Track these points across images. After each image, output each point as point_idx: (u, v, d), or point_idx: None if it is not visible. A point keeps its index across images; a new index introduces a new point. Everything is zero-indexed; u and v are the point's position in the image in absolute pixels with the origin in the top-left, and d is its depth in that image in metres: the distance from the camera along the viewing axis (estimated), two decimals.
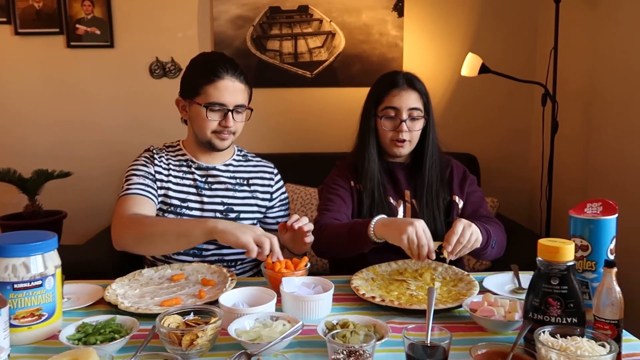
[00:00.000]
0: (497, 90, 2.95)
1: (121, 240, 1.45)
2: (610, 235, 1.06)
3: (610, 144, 2.36)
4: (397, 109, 1.58)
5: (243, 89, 1.56)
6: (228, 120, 1.54)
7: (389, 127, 1.60)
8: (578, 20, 2.57)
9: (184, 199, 1.59)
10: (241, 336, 1.00)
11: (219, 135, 1.56)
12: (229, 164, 1.67)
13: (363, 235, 1.40)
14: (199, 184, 1.61)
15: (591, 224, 1.06)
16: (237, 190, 1.64)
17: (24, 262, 1.03)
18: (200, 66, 1.57)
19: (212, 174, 1.63)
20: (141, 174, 1.57)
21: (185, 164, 1.63)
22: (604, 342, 0.90)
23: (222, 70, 1.52)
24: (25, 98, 2.97)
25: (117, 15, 2.94)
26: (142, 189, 1.53)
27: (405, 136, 1.59)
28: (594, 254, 1.06)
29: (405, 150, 1.62)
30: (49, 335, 1.08)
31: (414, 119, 1.60)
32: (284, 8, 2.95)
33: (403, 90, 1.59)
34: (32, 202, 2.76)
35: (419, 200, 1.64)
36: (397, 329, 1.08)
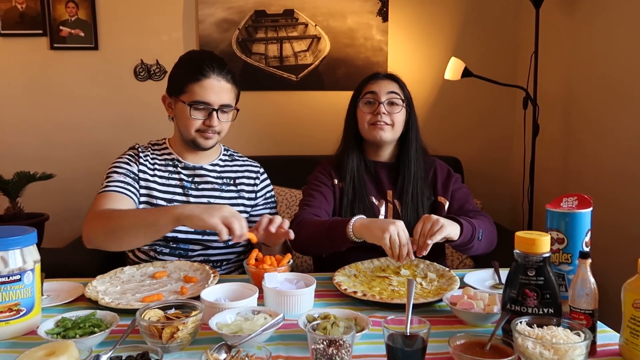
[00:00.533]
0: (480, 93, 2.99)
1: (90, 236, 1.41)
2: (585, 228, 1.09)
3: (587, 147, 2.41)
4: (375, 92, 1.61)
5: (229, 88, 1.55)
6: (212, 120, 1.53)
7: (367, 110, 1.62)
8: (557, 26, 2.63)
9: (169, 199, 1.57)
10: (222, 329, 1.00)
11: (202, 134, 1.55)
12: (215, 163, 1.67)
13: (341, 233, 1.40)
14: (185, 184, 1.60)
15: (567, 217, 1.09)
16: (223, 190, 1.64)
17: (2, 256, 1.03)
18: (187, 64, 1.56)
19: (199, 174, 1.62)
20: (122, 172, 1.55)
21: (171, 163, 1.62)
22: (579, 331, 0.92)
23: (208, 69, 1.51)
24: (7, 100, 2.94)
25: (102, 17, 2.93)
26: (121, 187, 1.51)
27: (384, 118, 1.60)
28: (570, 247, 1.09)
29: (386, 134, 1.61)
30: (28, 330, 1.07)
31: (393, 102, 1.61)
32: (270, 12, 2.97)
33: (381, 79, 1.65)
34: (13, 204, 2.73)
35: (401, 199, 1.64)
36: (378, 322, 1.09)
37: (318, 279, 1.29)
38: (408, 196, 1.63)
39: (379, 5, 2.98)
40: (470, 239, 1.42)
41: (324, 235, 1.46)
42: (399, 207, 1.64)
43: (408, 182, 1.64)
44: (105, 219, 1.39)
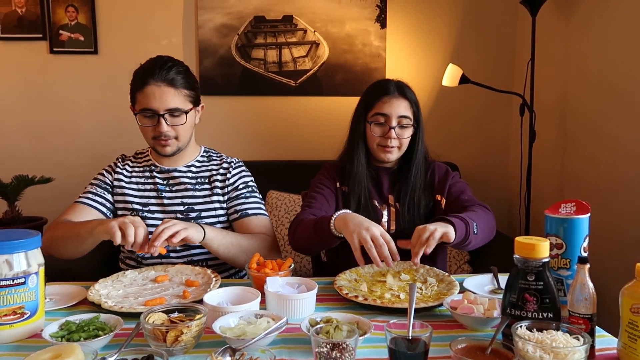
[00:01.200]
0: (477, 100, 3.02)
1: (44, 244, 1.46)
2: (583, 233, 1.10)
3: (584, 152, 2.44)
4: (386, 115, 1.60)
5: (174, 92, 1.54)
6: (160, 126, 1.54)
7: (378, 133, 1.62)
8: (553, 34, 2.66)
9: (145, 203, 1.64)
10: (226, 333, 1.01)
11: (158, 141, 1.58)
12: (191, 164, 1.69)
13: (327, 229, 1.41)
14: (159, 187, 1.65)
15: (565, 222, 1.10)
16: (197, 189, 1.66)
17: (7, 259, 1.03)
18: (136, 73, 1.60)
19: (173, 176, 1.67)
20: (96, 183, 1.67)
21: (148, 169, 1.68)
22: (578, 335, 0.94)
23: (148, 76, 1.53)
24: (7, 103, 2.94)
25: (102, 21, 2.94)
26: (89, 198, 1.64)
27: (394, 143, 1.61)
28: (568, 252, 1.10)
29: (394, 156, 1.64)
30: (32, 333, 1.07)
31: (403, 127, 1.61)
32: (269, 17, 2.99)
33: (394, 98, 1.61)
34: (12, 208, 2.72)
35: (401, 204, 1.66)
36: (380, 326, 1.10)
37: (319, 284, 1.30)
38: (406, 201, 1.65)
39: (377, 12, 3.01)
40: (465, 236, 1.41)
41: (312, 232, 1.47)
42: (400, 211, 1.66)
43: (406, 188, 1.66)
44: (57, 229, 1.51)
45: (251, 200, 1.68)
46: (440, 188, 1.70)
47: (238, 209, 1.65)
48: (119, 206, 1.65)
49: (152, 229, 1.56)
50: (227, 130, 3.01)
